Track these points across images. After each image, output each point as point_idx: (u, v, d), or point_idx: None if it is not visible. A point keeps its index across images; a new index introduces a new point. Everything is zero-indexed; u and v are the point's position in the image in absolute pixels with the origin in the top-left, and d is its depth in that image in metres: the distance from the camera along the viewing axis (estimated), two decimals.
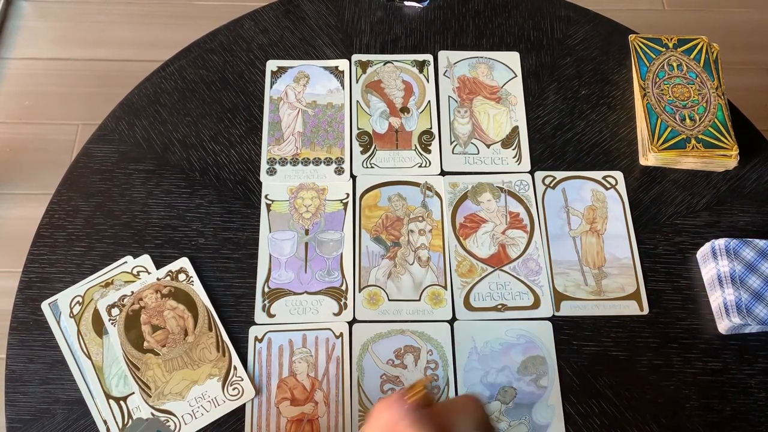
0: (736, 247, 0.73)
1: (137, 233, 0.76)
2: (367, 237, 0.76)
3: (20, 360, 0.69)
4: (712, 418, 0.68)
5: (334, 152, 0.81)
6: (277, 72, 0.87)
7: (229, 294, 0.73)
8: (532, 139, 0.83)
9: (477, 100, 0.86)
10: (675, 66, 0.85)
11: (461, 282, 0.74)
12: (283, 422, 0.67)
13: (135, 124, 0.83)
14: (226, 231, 0.76)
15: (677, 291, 0.74)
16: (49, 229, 0.76)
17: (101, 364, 0.69)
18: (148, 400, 0.67)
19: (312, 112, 0.84)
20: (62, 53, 1.72)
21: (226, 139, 0.82)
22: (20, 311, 0.72)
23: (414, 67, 0.88)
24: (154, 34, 1.75)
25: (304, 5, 0.93)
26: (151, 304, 0.71)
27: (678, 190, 0.80)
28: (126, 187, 0.79)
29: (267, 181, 0.79)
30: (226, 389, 0.68)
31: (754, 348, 0.71)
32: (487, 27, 0.92)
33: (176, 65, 0.88)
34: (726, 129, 0.80)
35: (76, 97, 1.65)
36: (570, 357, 0.70)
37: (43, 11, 1.79)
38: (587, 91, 0.87)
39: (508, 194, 0.79)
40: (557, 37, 0.91)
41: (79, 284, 0.72)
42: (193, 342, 0.69)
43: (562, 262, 0.75)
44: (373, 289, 0.73)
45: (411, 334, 0.71)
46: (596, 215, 0.78)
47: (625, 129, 0.84)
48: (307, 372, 0.69)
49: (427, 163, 0.81)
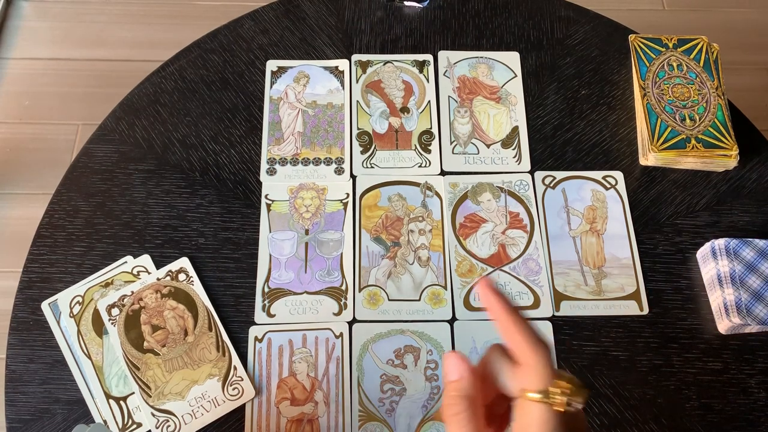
0: (736, 247, 0.73)
1: (137, 233, 0.76)
2: (367, 237, 0.76)
3: (20, 360, 0.69)
4: (712, 418, 0.68)
5: (334, 152, 0.81)
6: (277, 72, 0.87)
7: (229, 294, 0.73)
8: (532, 139, 0.83)
9: (477, 100, 0.86)
10: (675, 66, 0.85)
11: (461, 282, 0.74)
12: (283, 422, 0.67)
13: (135, 124, 0.83)
14: (226, 231, 0.76)
15: (677, 291, 0.74)
16: (49, 229, 0.76)
17: (101, 364, 0.69)
18: (148, 400, 0.67)
19: (312, 112, 0.84)
20: (62, 53, 1.72)
21: (226, 139, 0.82)
22: (20, 311, 0.72)
23: (414, 67, 0.88)
24: (154, 34, 1.75)
25: (304, 5, 0.93)
26: (151, 304, 0.71)
27: (678, 190, 0.80)
28: (126, 187, 0.79)
29: (267, 181, 0.79)
30: (226, 389, 0.68)
31: (754, 348, 0.71)
32: (487, 27, 0.92)
33: (176, 65, 0.88)
34: (726, 129, 0.80)
35: (76, 97, 1.65)
36: (570, 357, 0.70)
37: (43, 11, 1.79)
38: (587, 91, 0.87)
39: (508, 194, 0.79)
40: (557, 37, 0.91)
41: (79, 284, 0.72)
42: (193, 342, 0.69)
43: (562, 262, 0.75)
44: (373, 289, 0.73)
45: (411, 334, 0.71)
46: (596, 215, 0.78)
47: (625, 129, 0.84)
48: (307, 372, 0.69)
49: (427, 163, 0.81)
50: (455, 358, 0.40)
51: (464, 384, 0.39)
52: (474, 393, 0.39)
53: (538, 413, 0.37)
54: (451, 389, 0.40)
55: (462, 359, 0.40)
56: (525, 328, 0.39)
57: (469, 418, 0.38)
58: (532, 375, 0.38)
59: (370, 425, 0.67)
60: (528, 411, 0.37)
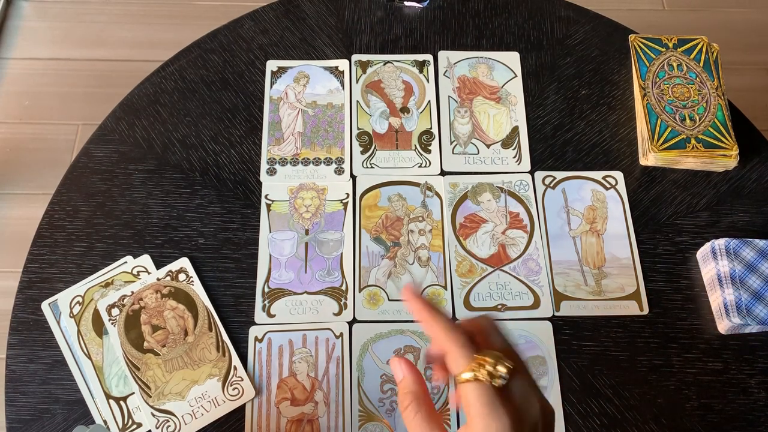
0: (736, 247, 0.73)
1: (137, 233, 0.76)
2: (367, 237, 0.76)
3: (20, 360, 0.69)
4: (712, 418, 0.68)
5: (334, 152, 0.81)
6: (277, 72, 0.87)
7: (229, 294, 0.73)
8: (532, 139, 0.83)
9: (477, 100, 0.86)
10: (675, 66, 0.85)
11: (461, 282, 0.74)
12: (283, 422, 0.67)
13: (135, 124, 0.83)
14: (226, 231, 0.76)
15: (677, 291, 0.74)
16: (49, 229, 0.76)
17: (101, 364, 0.69)
18: (148, 400, 0.67)
19: (312, 112, 0.84)
20: (62, 53, 1.72)
21: (226, 139, 0.82)
22: (20, 311, 0.72)
23: (414, 67, 0.88)
24: (154, 34, 1.75)
25: (304, 5, 0.93)
26: (151, 304, 0.71)
27: (678, 190, 0.80)
28: (126, 187, 0.79)
29: (267, 181, 0.79)
30: (226, 389, 0.68)
31: (754, 348, 0.71)
32: (487, 27, 0.92)
33: (176, 65, 0.88)
34: (726, 129, 0.80)
35: (76, 97, 1.65)
36: (570, 357, 0.70)
37: (43, 11, 1.79)
38: (587, 91, 0.87)
39: (508, 194, 0.79)
40: (557, 37, 0.91)
41: (79, 284, 0.72)
42: (193, 342, 0.69)
43: (562, 262, 0.75)
44: (373, 289, 0.73)
45: (411, 334, 0.71)
46: (596, 215, 0.78)
47: (625, 129, 0.84)
48: (307, 372, 0.69)
49: (427, 163, 0.81)
50: (397, 361, 0.45)
51: (407, 381, 0.44)
52: (417, 388, 0.44)
53: (470, 391, 0.39)
54: (400, 388, 0.45)
55: (402, 361, 0.45)
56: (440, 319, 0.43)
57: (416, 409, 0.43)
58: (455, 359, 0.41)
59: (370, 425, 0.67)
60: (464, 394, 0.40)
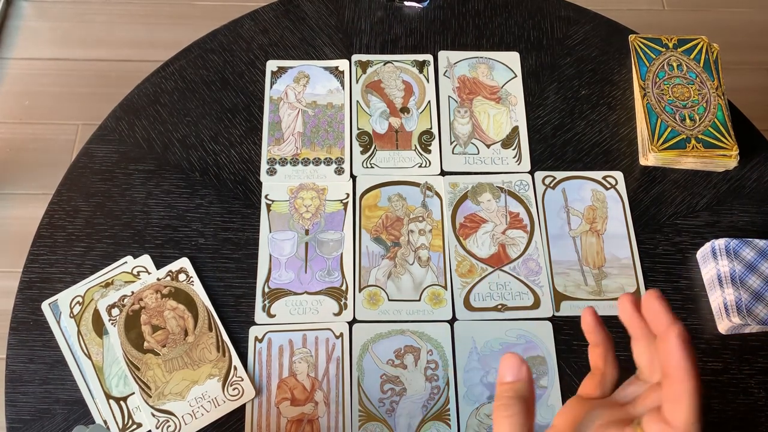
0: (736, 247, 0.73)
1: (137, 233, 0.76)
2: (367, 237, 0.76)
3: (20, 360, 0.69)
4: (712, 418, 0.68)
5: (334, 152, 0.81)
6: (277, 72, 0.87)
7: (229, 294, 0.73)
8: (532, 139, 0.83)
9: (477, 100, 0.86)
10: (675, 66, 0.85)
11: (461, 282, 0.74)
12: (283, 422, 0.67)
13: (135, 124, 0.83)
14: (226, 231, 0.76)
15: (677, 291, 0.74)
16: (49, 229, 0.76)
17: (101, 364, 0.69)
18: (148, 400, 0.67)
19: (312, 112, 0.84)
20: (62, 53, 1.72)
21: (226, 139, 0.82)
22: (20, 311, 0.72)
23: (414, 67, 0.88)
24: (154, 34, 1.75)
25: (304, 5, 0.93)
26: (151, 304, 0.71)
27: (678, 190, 0.80)
28: (126, 187, 0.79)
29: (267, 181, 0.79)
30: (226, 389, 0.68)
31: (754, 348, 0.71)
32: (487, 27, 0.92)
33: (176, 65, 0.87)
34: (726, 129, 0.80)
35: (76, 97, 1.65)
36: (570, 357, 0.70)
37: (43, 11, 1.79)
38: (587, 91, 0.87)
39: (508, 194, 0.79)
40: (557, 37, 0.91)
41: (79, 284, 0.72)
42: (193, 342, 0.69)
43: (562, 262, 0.75)
44: (373, 289, 0.73)
45: (411, 334, 0.71)
46: (596, 215, 0.78)
47: (625, 129, 0.84)
48: (307, 372, 0.69)
49: (427, 163, 0.81)
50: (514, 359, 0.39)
51: (520, 386, 0.38)
52: (529, 396, 0.38)
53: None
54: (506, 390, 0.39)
55: (521, 361, 0.39)
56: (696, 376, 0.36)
57: (522, 422, 0.37)
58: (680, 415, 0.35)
59: (370, 425, 0.67)
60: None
